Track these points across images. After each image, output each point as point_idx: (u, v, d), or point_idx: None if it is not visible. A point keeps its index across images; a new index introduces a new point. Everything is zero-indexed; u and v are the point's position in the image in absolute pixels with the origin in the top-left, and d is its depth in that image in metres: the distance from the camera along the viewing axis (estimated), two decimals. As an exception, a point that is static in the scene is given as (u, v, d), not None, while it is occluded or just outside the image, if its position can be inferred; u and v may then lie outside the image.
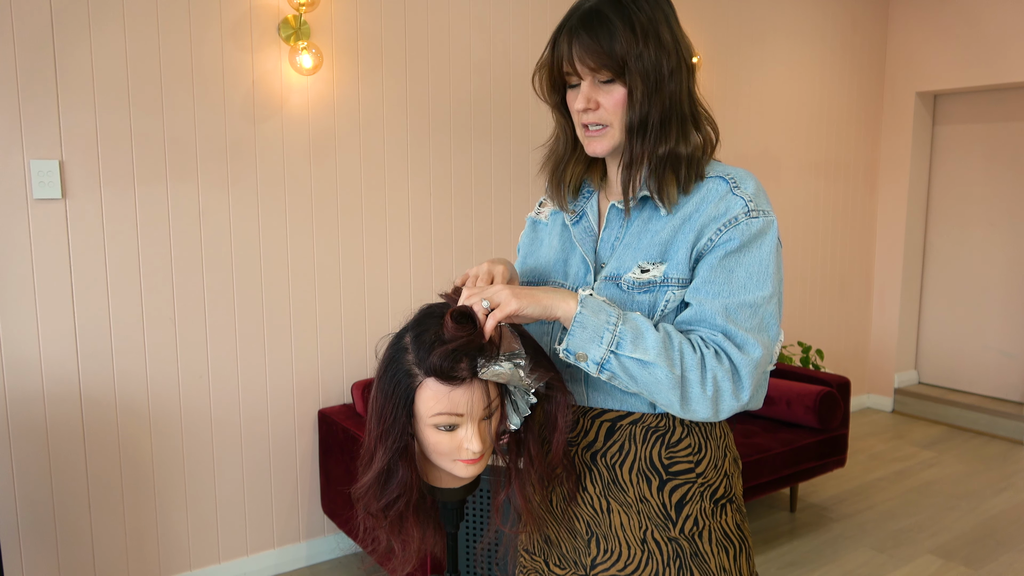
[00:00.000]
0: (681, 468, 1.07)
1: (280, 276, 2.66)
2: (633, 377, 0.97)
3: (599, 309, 0.98)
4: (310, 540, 2.82)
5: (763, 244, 1.01)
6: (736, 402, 0.98)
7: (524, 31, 3.14)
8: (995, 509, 3.32)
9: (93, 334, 2.34)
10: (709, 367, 0.97)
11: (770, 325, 1.01)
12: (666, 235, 1.05)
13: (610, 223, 1.13)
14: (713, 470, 1.09)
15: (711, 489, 1.09)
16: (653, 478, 1.07)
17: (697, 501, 1.08)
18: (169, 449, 2.51)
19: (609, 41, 1.01)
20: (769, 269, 1.01)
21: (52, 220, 2.25)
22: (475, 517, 1.98)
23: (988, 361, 4.57)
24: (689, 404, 0.98)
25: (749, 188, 1.04)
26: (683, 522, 1.07)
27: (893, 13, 4.63)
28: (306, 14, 2.56)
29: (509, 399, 1.04)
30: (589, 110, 1.06)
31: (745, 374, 0.98)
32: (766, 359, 1.00)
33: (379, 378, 1.00)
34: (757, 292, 1.00)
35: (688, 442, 1.08)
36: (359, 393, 2.71)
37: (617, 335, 0.96)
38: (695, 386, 0.97)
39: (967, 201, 4.60)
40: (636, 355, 0.96)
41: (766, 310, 1.00)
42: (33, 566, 2.32)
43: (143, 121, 2.36)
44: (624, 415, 1.08)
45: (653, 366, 0.96)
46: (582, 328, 0.97)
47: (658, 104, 1.02)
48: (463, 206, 3.05)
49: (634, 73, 1.01)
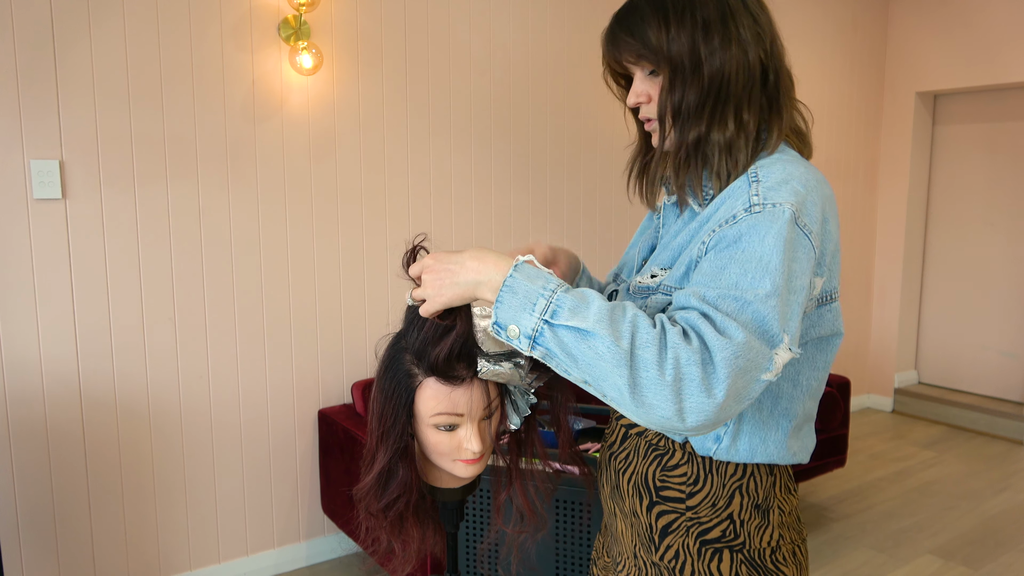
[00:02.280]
0: (670, 495, 0.98)
1: (280, 276, 2.66)
2: (572, 355, 0.79)
3: (536, 276, 0.83)
4: (310, 540, 2.82)
5: (765, 237, 0.83)
6: (707, 398, 0.76)
7: (524, 31, 3.14)
8: (995, 509, 3.32)
9: (93, 334, 2.34)
10: (670, 344, 0.77)
11: (766, 323, 0.80)
12: (682, 239, 0.96)
13: (667, 221, 1.07)
14: (709, 508, 0.96)
15: (701, 527, 0.96)
16: (645, 496, 1.01)
17: (681, 535, 0.97)
18: (169, 449, 2.51)
19: (642, 31, 0.95)
20: (771, 264, 0.82)
21: (52, 220, 2.25)
22: (475, 517, 1.98)
23: (988, 361, 4.56)
24: (642, 392, 0.76)
25: (770, 179, 0.88)
26: (664, 551, 0.99)
27: (893, 13, 4.63)
28: (306, 14, 2.56)
29: (509, 399, 1.04)
30: (640, 104, 1.00)
31: (720, 360, 0.76)
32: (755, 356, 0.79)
33: (379, 378, 1.00)
34: (750, 288, 0.81)
35: (685, 470, 0.97)
36: (359, 393, 2.71)
37: (554, 302, 0.80)
38: (651, 367, 0.76)
39: (967, 201, 4.60)
40: (573, 323, 0.78)
41: (760, 308, 0.80)
42: (33, 566, 2.32)
43: (143, 121, 2.36)
44: (633, 424, 1.04)
45: (592, 335, 0.77)
46: (512, 294, 0.82)
47: (695, 87, 0.93)
48: (463, 206, 3.05)
49: (664, 59, 0.94)
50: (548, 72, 3.22)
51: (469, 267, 0.87)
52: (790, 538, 0.99)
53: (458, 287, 0.87)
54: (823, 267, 0.90)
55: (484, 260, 0.86)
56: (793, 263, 0.84)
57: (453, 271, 0.87)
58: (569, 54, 3.27)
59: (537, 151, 3.24)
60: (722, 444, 0.95)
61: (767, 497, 0.97)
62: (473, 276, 0.86)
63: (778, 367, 0.81)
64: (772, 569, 0.97)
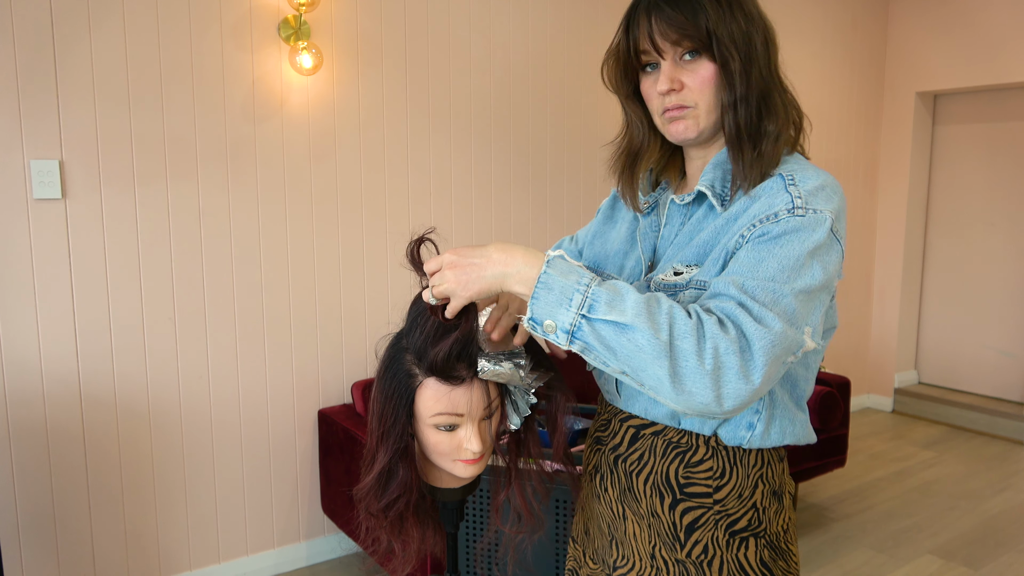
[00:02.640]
0: (697, 491, 0.99)
1: (280, 276, 2.66)
2: (610, 348, 0.81)
3: (569, 271, 0.85)
4: (310, 540, 2.82)
5: (805, 240, 0.87)
6: (744, 385, 0.80)
7: (524, 31, 3.14)
8: (995, 509, 3.32)
9: (93, 334, 2.34)
10: (708, 335, 0.80)
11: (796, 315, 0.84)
12: (707, 236, 0.96)
13: (671, 220, 1.05)
14: (736, 499, 0.99)
15: (729, 519, 0.99)
16: (667, 495, 1.00)
17: (710, 528, 0.99)
18: (169, 449, 2.51)
19: (693, 11, 0.93)
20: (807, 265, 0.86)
21: (52, 220, 2.25)
22: (475, 517, 1.98)
23: (988, 361, 4.57)
24: (682, 381, 0.79)
25: (807, 185, 0.91)
26: (691, 546, 0.99)
27: (893, 13, 4.63)
28: (306, 14, 2.56)
29: (509, 399, 1.04)
30: (673, 91, 0.97)
31: (759, 348, 0.80)
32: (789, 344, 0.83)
33: (379, 379, 1.00)
34: (786, 282, 0.85)
35: (710, 464, 0.99)
36: (359, 393, 2.71)
37: (589, 297, 0.82)
38: (690, 356, 0.79)
39: (967, 201, 4.60)
40: (611, 317, 0.81)
41: (792, 302, 0.84)
42: (33, 566, 2.32)
43: (143, 121, 2.36)
44: (648, 424, 1.03)
45: (632, 329, 0.80)
46: (547, 290, 0.83)
47: (757, 77, 0.95)
48: (463, 206, 3.05)
49: (726, 44, 0.93)
50: (548, 72, 3.22)
51: (496, 259, 0.87)
52: (792, 519, 1.06)
53: (485, 281, 0.87)
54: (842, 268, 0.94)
55: (511, 252, 0.87)
56: (828, 266, 0.88)
57: (480, 264, 0.88)
58: (569, 54, 3.27)
59: (537, 151, 3.24)
60: (755, 431, 0.98)
61: (781, 483, 1.02)
62: (501, 268, 0.87)
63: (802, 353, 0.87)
64: (785, 549, 1.02)
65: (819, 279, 0.87)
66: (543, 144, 3.25)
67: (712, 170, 0.99)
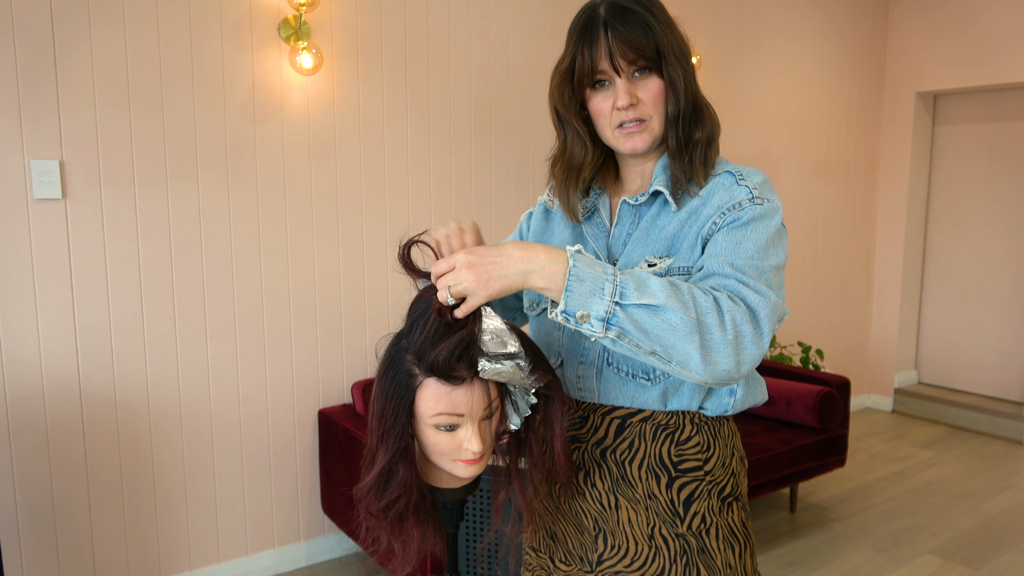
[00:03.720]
0: (690, 466, 1.08)
1: (280, 276, 2.66)
2: (645, 330, 0.88)
3: (593, 263, 0.90)
4: (310, 540, 2.82)
5: (768, 225, 1.01)
6: (757, 349, 0.91)
7: (524, 31, 3.14)
8: (995, 509, 3.32)
9: (93, 334, 2.34)
10: (726, 309, 0.90)
11: (777, 288, 0.99)
12: (672, 229, 1.05)
13: (621, 219, 1.12)
14: (721, 468, 1.09)
15: (719, 487, 1.09)
16: (662, 475, 1.07)
17: (705, 499, 1.08)
18: (169, 449, 2.51)
19: (645, 31, 1.02)
20: (773, 246, 1.01)
21: (52, 220, 2.25)
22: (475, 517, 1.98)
23: (988, 361, 4.57)
24: (711, 352, 0.88)
25: (755, 180, 1.05)
26: (691, 519, 1.07)
27: (893, 13, 4.63)
28: (306, 14, 2.56)
29: (509, 399, 1.04)
30: (632, 106, 1.04)
31: (763, 316, 0.92)
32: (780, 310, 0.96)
33: (379, 379, 1.00)
34: (763, 260, 0.98)
35: (697, 440, 1.08)
36: (359, 393, 2.71)
37: (619, 284, 0.88)
38: (715, 329, 0.88)
39: (967, 201, 4.60)
40: (644, 300, 0.87)
41: (771, 276, 0.98)
42: (33, 566, 2.32)
43: (143, 121, 2.36)
44: (635, 412, 1.08)
45: (665, 310, 0.87)
46: (579, 282, 0.88)
47: (691, 91, 1.06)
48: (463, 206, 3.05)
49: (673, 61, 1.03)
50: (548, 72, 3.21)
51: (516, 257, 0.90)
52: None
53: (507, 279, 0.90)
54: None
55: (531, 249, 0.91)
56: (784, 247, 1.04)
57: (500, 263, 0.90)
58: (569, 54, 3.27)
59: (537, 150, 3.23)
60: (737, 396, 1.08)
61: (739, 448, 1.15)
62: (524, 266, 0.90)
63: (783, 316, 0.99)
64: (749, 510, 1.18)
65: (782, 258, 1.02)
66: (543, 144, 3.26)
67: (662, 172, 1.08)
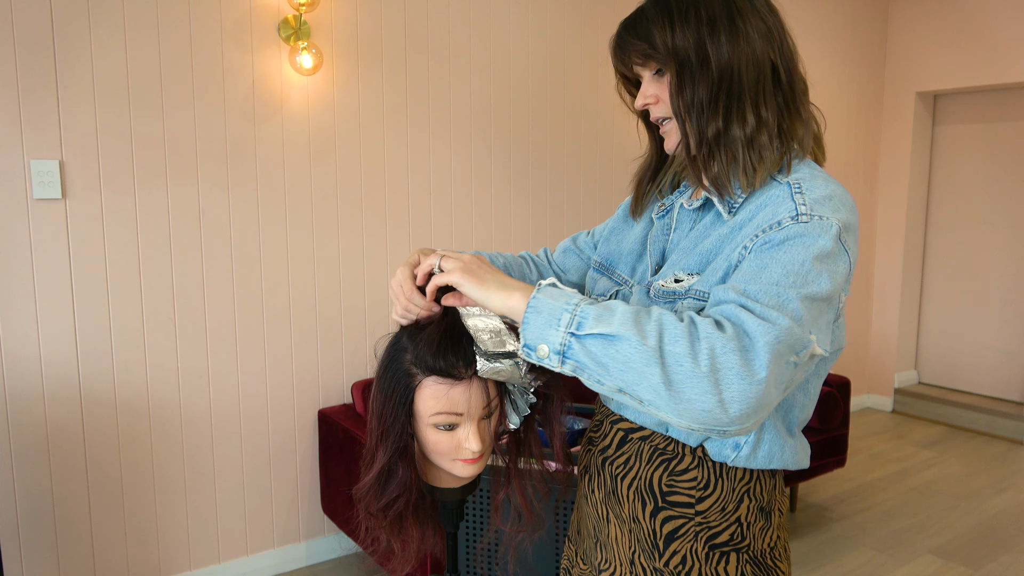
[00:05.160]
0: (679, 500, 0.98)
1: (280, 276, 2.66)
2: (601, 363, 0.79)
3: (559, 295, 0.84)
4: (310, 540, 2.82)
5: (809, 245, 0.84)
6: (748, 385, 0.75)
7: (524, 31, 3.14)
8: (995, 509, 3.32)
9: (93, 334, 2.34)
10: (703, 335, 0.76)
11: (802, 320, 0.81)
12: (710, 244, 0.95)
13: (680, 225, 1.04)
14: (718, 512, 0.97)
15: (710, 531, 0.97)
16: (648, 501, 1.00)
17: (689, 540, 0.97)
18: (169, 449, 2.51)
19: (646, 31, 0.96)
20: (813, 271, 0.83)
21: (52, 220, 2.25)
22: (475, 517, 1.98)
23: (988, 361, 4.56)
24: (678, 388, 0.75)
25: (814, 193, 0.89)
26: (670, 556, 0.98)
27: (893, 13, 4.63)
28: (306, 14, 2.56)
29: (508, 398, 1.04)
30: (649, 105, 1.01)
31: (762, 344, 0.76)
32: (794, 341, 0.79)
33: (379, 378, 1.00)
34: (791, 287, 0.81)
35: (695, 474, 0.97)
36: (359, 393, 2.71)
37: (578, 315, 0.81)
38: (683, 360, 0.75)
39: (967, 201, 4.60)
40: (599, 330, 0.79)
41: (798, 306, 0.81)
42: (33, 566, 2.32)
43: (143, 121, 2.36)
44: (636, 428, 1.02)
45: (618, 340, 0.77)
46: (536, 313, 0.83)
47: (704, 81, 0.93)
48: (463, 206, 3.05)
49: (670, 55, 0.94)
50: (548, 72, 3.22)
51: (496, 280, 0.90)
52: (783, 537, 1.03)
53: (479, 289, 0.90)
54: (849, 283, 0.91)
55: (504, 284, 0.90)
56: (834, 276, 0.85)
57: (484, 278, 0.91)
58: (569, 54, 3.27)
59: (537, 151, 3.24)
60: (741, 452, 0.96)
61: (770, 500, 1.00)
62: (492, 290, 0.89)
63: (807, 354, 0.82)
64: (772, 566, 1.00)
65: (826, 288, 0.83)
66: (543, 144, 3.26)
67: None
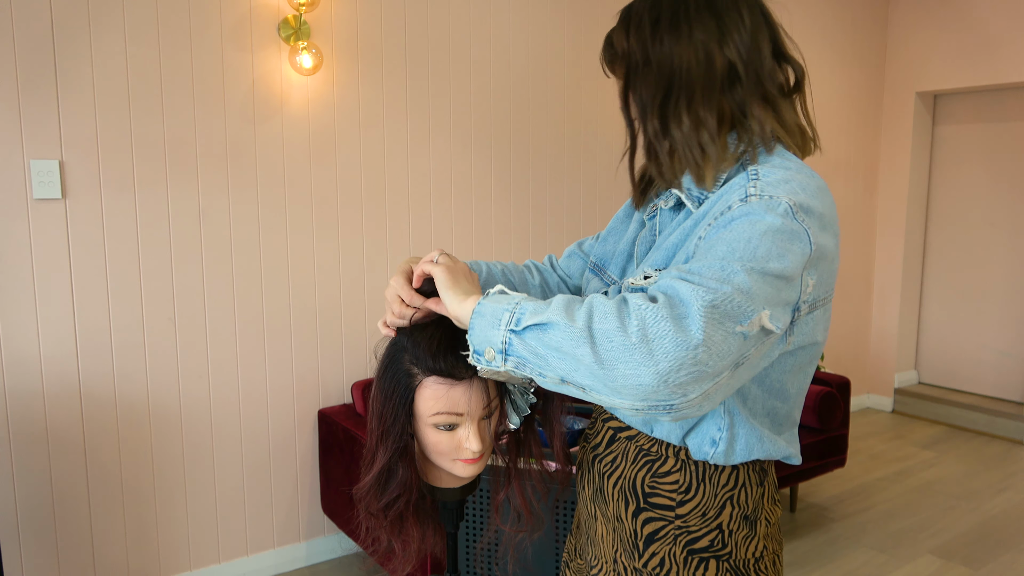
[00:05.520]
0: (660, 502, 0.98)
1: (280, 276, 2.66)
2: (540, 355, 0.78)
3: (503, 298, 0.84)
4: (310, 540, 2.82)
5: (756, 222, 0.83)
6: (684, 347, 0.72)
7: (524, 31, 3.14)
8: (995, 509, 3.32)
9: (93, 334, 2.34)
10: (632, 308, 0.75)
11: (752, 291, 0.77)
12: (676, 238, 0.96)
13: (663, 226, 1.05)
14: (699, 518, 0.97)
15: (689, 536, 0.97)
16: (631, 501, 1.00)
17: (668, 543, 0.97)
18: (169, 449, 2.51)
19: (610, 40, 1.02)
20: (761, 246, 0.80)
21: (52, 220, 2.25)
22: (475, 517, 1.98)
23: (988, 361, 4.56)
24: (612, 365, 0.73)
25: (769, 177, 0.88)
26: (648, 558, 0.98)
27: (893, 13, 4.63)
28: (306, 14, 2.56)
29: (509, 399, 1.04)
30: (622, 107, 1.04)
31: (696, 308, 0.73)
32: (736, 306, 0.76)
33: (379, 378, 1.00)
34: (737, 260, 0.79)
35: (676, 477, 0.97)
36: (359, 393, 2.71)
37: (517, 312, 0.81)
38: (612, 335, 0.73)
39: (967, 201, 4.60)
40: (533, 321, 0.79)
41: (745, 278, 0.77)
42: (33, 566, 2.32)
43: (143, 121, 2.36)
44: (624, 427, 1.03)
45: (548, 327, 0.77)
46: (480, 317, 0.83)
47: (646, 82, 0.95)
48: (463, 206, 3.05)
49: (622, 58, 0.99)
50: (548, 73, 3.22)
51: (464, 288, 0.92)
52: (772, 548, 1.01)
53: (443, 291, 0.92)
54: (815, 269, 0.87)
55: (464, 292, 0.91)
56: (790, 253, 0.82)
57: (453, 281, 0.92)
58: (569, 55, 3.27)
59: (537, 151, 3.24)
60: (719, 448, 0.95)
61: (756, 508, 0.99)
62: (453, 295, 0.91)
63: (755, 324, 0.78)
64: None
65: (778, 265, 0.80)
66: (543, 145, 3.26)
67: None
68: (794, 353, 0.94)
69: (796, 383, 0.98)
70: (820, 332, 0.95)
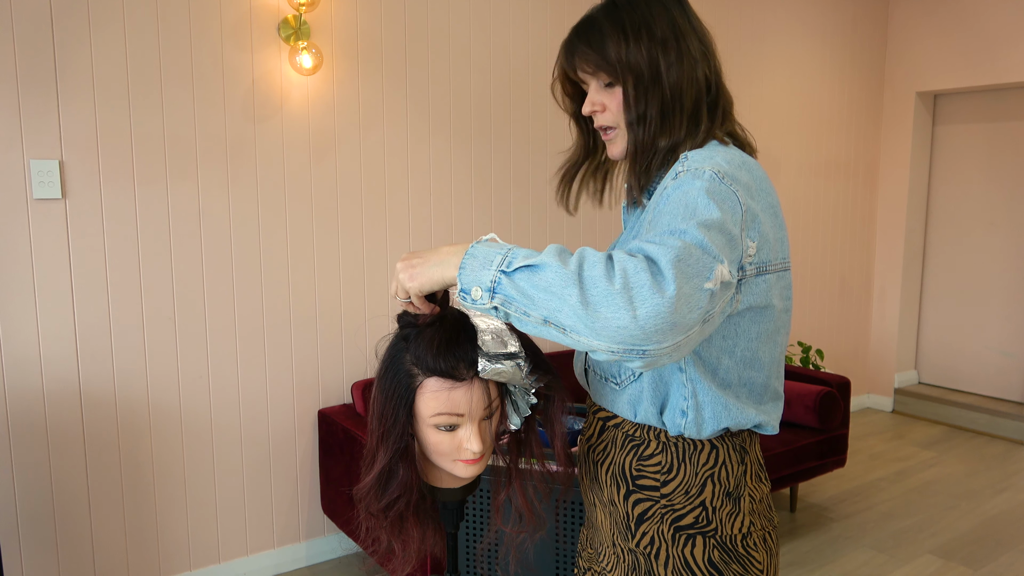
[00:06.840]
0: (646, 483, 1.04)
1: (280, 276, 2.66)
2: (527, 294, 0.83)
3: (495, 245, 0.90)
4: (310, 540, 2.82)
5: (689, 189, 0.91)
6: (660, 299, 0.78)
7: (524, 31, 3.14)
8: (995, 509, 3.32)
9: (93, 334, 2.34)
10: (617, 261, 0.81)
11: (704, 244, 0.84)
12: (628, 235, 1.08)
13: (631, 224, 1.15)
14: (682, 495, 1.02)
15: (675, 514, 1.03)
16: (622, 485, 1.06)
17: (656, 521, 1.03)
18: (169, 449, 2.51)
19: (600, 45, 1.04)
20: (698, 206, 0.88)
21: (52, 220, 2.25)
22: (475, 517, 1.98)
23: (988, 361, 4.57)
24: (596, 307, 0.79)
25: (697, 155, 0.97)
26: (640, 537, 1.05)
27: (893, 13, 4.63)
28: (306, 14, 2.56)
29: (509, 399, 1.04)
30: (596, 112, 1.09)
31: (666, 263, 0.80)
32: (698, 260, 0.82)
33: (379, 379, 1.00)
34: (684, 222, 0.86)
35: (659, 459, 1.03)
36: (359, 393, 2.71)
37: (510, 256, 0.86)
38: (599, 281, 0.80)
39: (967, 201, 4.60)
40: (526, 263, 0.84)
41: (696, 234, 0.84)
42: (33, 566, 2.32)
43: (143, 121, 2.36)
44: (611, 416, 1.09)
45: (541, 267, 0.83)
46: (472, 259, 0.88)
47: (655, 98, 1.02)
48: (463, 206, 3.05)
49: (625, 72, 1.02)
50: (548, 72, 3.22)
51: (442, 251, 0.93)
52: (761, 525, 1.05)
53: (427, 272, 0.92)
54: (754, 231, 0.93)
55: (456, 246, 0.93)
56: (722, 205, 0.89)
57: (426, 258, 0.93)
58: (569, 54, 3.27)
59: (537, 151, 3.24)
60: (688, 418, 1.00)
61: (738, 485, 1.04)
62: (445, 257, 0.92)
63: (717, 279, 0.83)
64: (743, 554, 1.03)
65: (715, 214, 0.87)
66: (543, 144, 3.26)
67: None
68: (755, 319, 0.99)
69: (767, 351, 1.02)
70: (776, 297, 1.00)
